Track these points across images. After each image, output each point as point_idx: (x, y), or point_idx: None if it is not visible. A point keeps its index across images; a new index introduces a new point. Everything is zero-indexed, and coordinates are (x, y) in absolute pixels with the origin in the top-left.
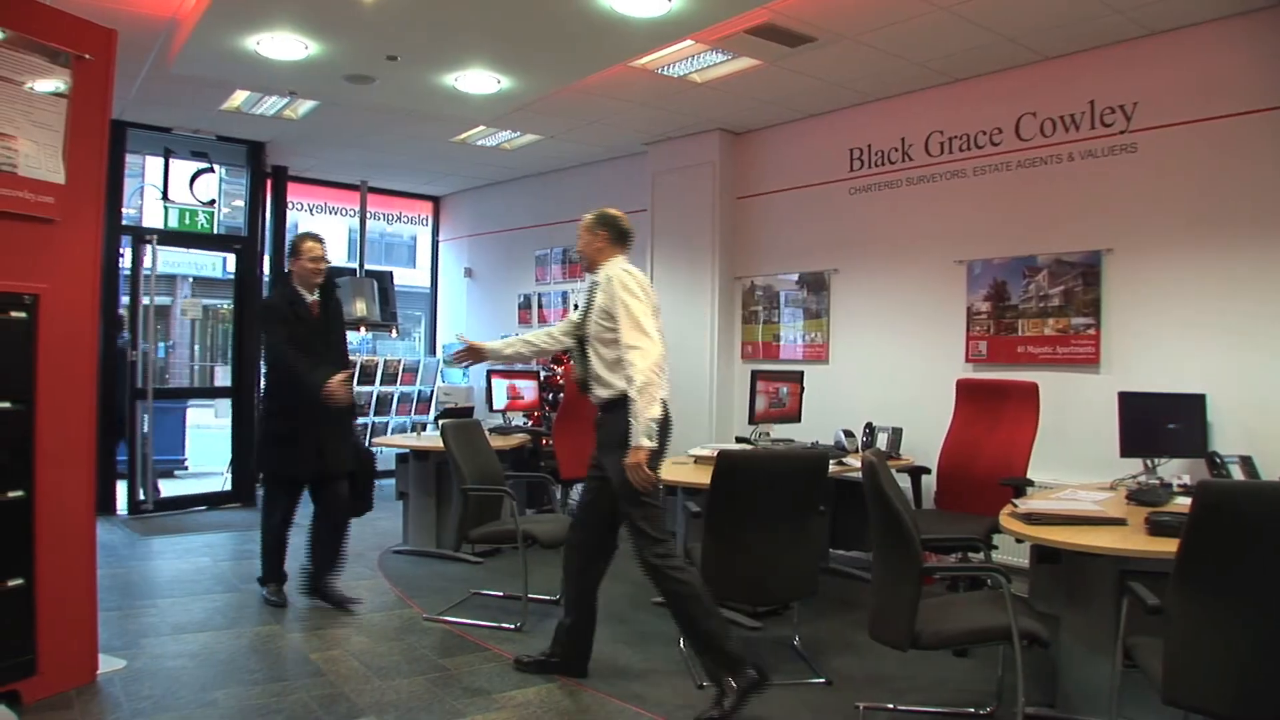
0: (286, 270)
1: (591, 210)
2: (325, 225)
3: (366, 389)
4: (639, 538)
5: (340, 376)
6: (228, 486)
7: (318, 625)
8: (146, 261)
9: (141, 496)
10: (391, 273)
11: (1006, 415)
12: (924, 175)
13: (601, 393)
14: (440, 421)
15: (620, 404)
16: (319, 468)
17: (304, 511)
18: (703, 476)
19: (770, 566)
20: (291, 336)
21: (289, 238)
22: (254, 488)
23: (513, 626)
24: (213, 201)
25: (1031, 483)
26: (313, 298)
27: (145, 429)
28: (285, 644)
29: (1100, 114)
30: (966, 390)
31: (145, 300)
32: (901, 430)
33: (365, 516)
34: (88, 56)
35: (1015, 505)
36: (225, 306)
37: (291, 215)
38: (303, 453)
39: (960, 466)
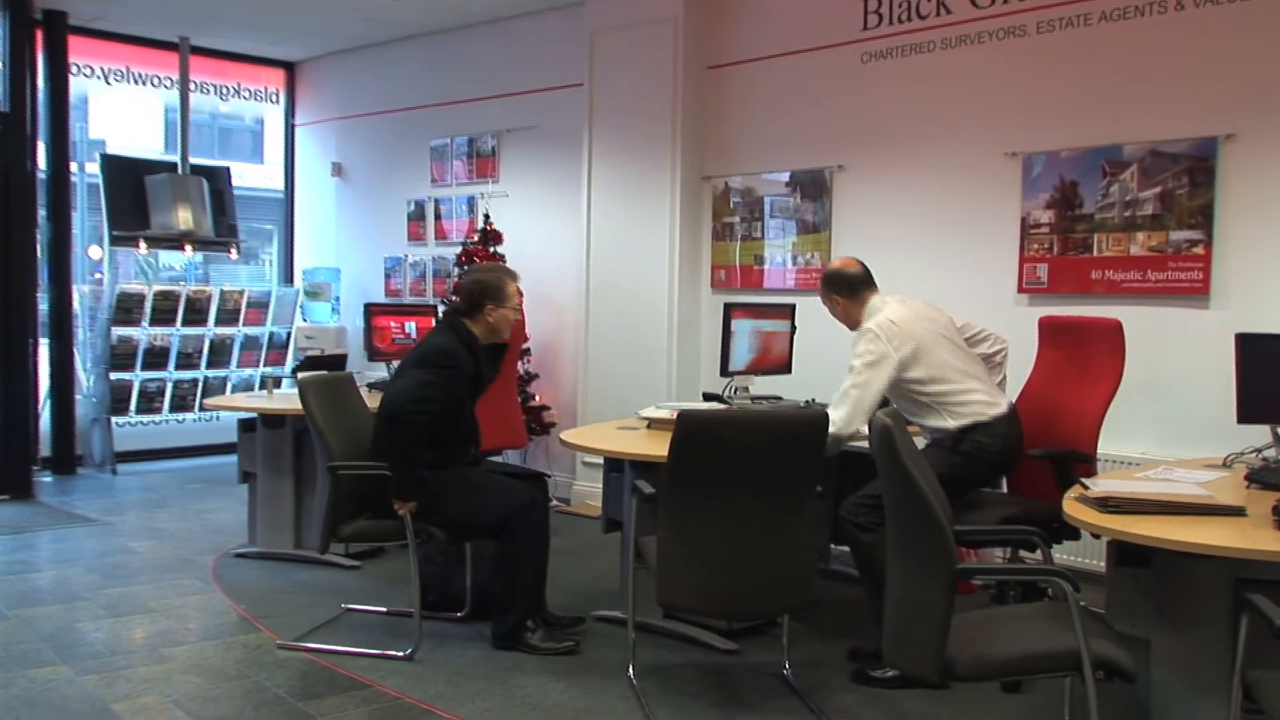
0: (461, 313)
1: (513, 86)
2: (130, 101)
3: (197, 330)
4: None
5: (411, 506)
6: None
7: (124, 664)
8: None
9: None
10: (228, 169)
11: (1076, 364)
12: (966, 34)
13: None
14: (299, 375)
15: None
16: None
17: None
18: (658, 447)
19: (750, 568)
20: (452, 398)
21: (76, 119)
22: (30, 475)
23: (401, 654)
24: None
25: (1086, 457)
26: None
27: None
28: (76, 692)
29: None
30: (1040, 330)
31: None
32: None
33: (200, 509)
34: None
35: (1085, 486)
36: None
37: (76, 85)
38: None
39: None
